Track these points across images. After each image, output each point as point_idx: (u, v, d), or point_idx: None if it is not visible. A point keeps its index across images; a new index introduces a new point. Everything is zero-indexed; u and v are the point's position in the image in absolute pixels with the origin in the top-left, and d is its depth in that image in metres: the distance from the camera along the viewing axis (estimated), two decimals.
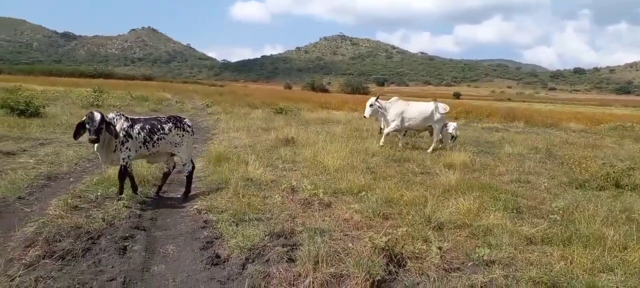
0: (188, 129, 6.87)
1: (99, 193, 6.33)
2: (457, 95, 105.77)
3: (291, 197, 6.63)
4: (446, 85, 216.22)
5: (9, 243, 4.63)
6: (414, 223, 5.57)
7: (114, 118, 6.06)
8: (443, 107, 12.69)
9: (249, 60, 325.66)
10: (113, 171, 6.89)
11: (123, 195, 6.15)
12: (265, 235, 4.95)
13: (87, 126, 5.62)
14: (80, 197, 6.23)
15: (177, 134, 6.65)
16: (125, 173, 6.16)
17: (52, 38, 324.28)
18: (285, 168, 9.00)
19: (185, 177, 7.01)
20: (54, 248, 4.46)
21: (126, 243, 4.76)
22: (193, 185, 7.64)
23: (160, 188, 6.94)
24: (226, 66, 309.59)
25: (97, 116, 5.64)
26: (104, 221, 5.26)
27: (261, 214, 5.80)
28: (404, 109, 12.53)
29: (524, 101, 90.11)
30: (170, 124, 6.61)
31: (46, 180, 7.29)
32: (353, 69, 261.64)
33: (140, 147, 6.21)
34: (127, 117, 6.21)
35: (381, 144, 12.24)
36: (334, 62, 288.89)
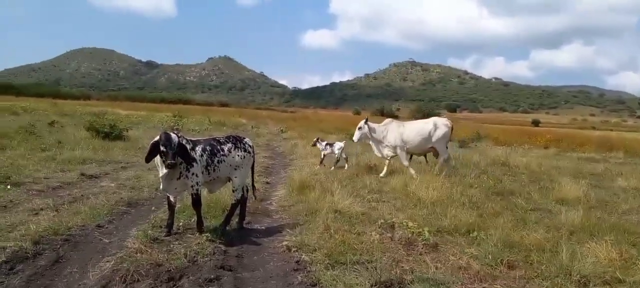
0: (249, 149, 6.08)
1: (180, 224, 5.81)
2: (536, 123, 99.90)
3: (390, 235, 5.76)
4: (523, 112, 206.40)
5: (85, 281, 4.14)
6: (550, 276, 4.53)
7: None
8: (443, 123, 11.12)
9: (318, 87, 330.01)
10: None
11: (204, 228, 5.58)
12: (370, 285, 4.12)
13: (162, 148, 4.91)
14: (160, 227, 5.74)
15: (238, 155, 5.86)
16: (198, 202, 5.50)
17: (137, 66, 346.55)
18: (373, 199, 8.15)
19: (231, 204, 6.05)
20: None
21: (211, 287, 4.10)
22: (278, 215, 7.03)
23: (241, 221, 6.25)
24: (296, 93, 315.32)
25: (175, 138, 4.99)
26: (186, 258, 4.67)
27: (359, 255, 4.97)
28: (401, 131, 11.04)
29: (611, 129, 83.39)
30: (230, 144, 5.86)
31: (126, 206, 6.92)
32: (423, 95, 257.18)
33: (202, 173, 5.48)
34: (187, 139, 5.51)
35: (413, 176, 9.95)
36: (403, 88, 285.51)
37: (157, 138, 5.03)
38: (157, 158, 5.05)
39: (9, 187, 7.30)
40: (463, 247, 5.47)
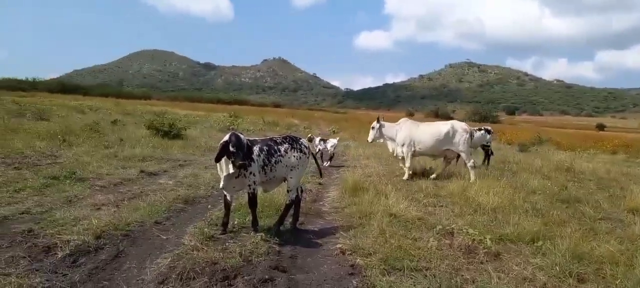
0: (305, 150, 6.00)
1: (235, 222, 5.83)
2: (600, 127, 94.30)
3: (449, 242, 5.53)
4: (586, 115, 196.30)
5: (143, 277, 4.19)
6: None
7: None
8: (462, 127, 10.74)
9: (370, 89, 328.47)
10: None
11: (259, 227, 5.57)
12: None
13: (232, 149, 4.94)
14: (216, 225, 5.77)
15: (294, 156, 5.80)
16: (254, 201, 5.51)
17: (195, 68, 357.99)
18: (430, 204, 7.90)
19: (286, 204, 6.02)
20: None
21: None
22: (330, 217, 6.92)
23: (295, 221, 6.19)
24: (349, 94, 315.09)
25: (243, 139, 5.05)
26: (241, 257, 4.64)
27: (416, 262, 4.78)
28: (412, 130, 10.84)
29: None
30: (287, 145, 5.81)
31: (183, 203, 7.03)
32: (480, 96, 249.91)
33: (259, 172, 5.47)
34: (247, 139, 5.44)
35: (405, 178, 10.52)
36: (459, 89, 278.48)
37: (226, 138, 5.06)
38: (224, 160, 5.07)
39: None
40: (527, 257, 5.16)
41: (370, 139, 11.38)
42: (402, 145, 10.85)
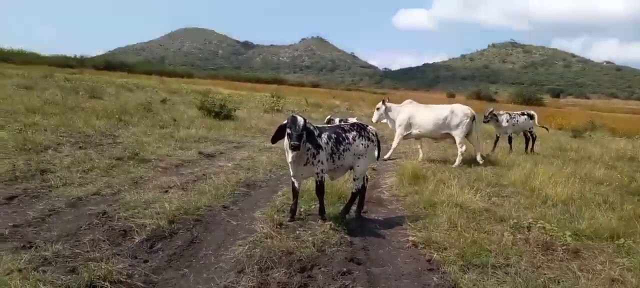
0: (373, 138, 5.88)
1: (302, 209, 5.80)
2: None
3: (524, 237, 5.32)
4: (637, 99, 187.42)
5: (220, 265, 4.21)
6: None
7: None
8: (463, 111, 10.67)
9: (410, 69, 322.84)
10: (311, 183, 6.27)
11: (326, 215, 5.52)
12: None
13: (288, 130, 4.88)
14: (282, 211, 5.77)
15: (362, 144, 5.67)
16: (322, 189, 5.44)
17: (235, 46, 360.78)
18: (493, 194, 7.65)
19: (352, 192, 5.92)
20: (268, 279, 3.90)
21: (346, 282, 3.99)
22: (392, 206, 6.81)
23: (359, 210, 6.09)
24: (387, 74, 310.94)
25: (300, 121, 4.93)
26: (314, 246, 4.61)
27: (493, 258, 4.62)
28: (412, 113, 10.89)
29: None
30: (355, 132, 5.68)
31: (246, 187, 7.07)
32: (524, 78, 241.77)
33: (327, 160, 5.39)
34: (314, 126, 5.38)
35: (386, 157, 10.84)
36: (502, 70, 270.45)
37: (285, 121, 5.00)
38: (286, 144, 5.00)
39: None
40: (611, 256, 4.90)
41: (374, 119, 11.44)
42: (399, 125, 11.01)
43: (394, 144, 11.20)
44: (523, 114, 13.25)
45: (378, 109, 11.36)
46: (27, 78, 24.14)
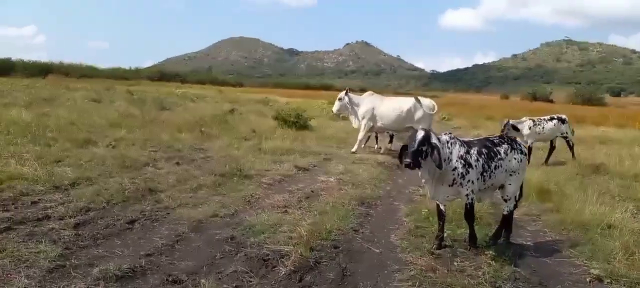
0: (525, 151, 5.19)
1: (446, 234, 5.17)
2: None
3: None
4: None
5: None
6: None
7: (448, 142, 4.71)
8: (427, 104, 10.82)
9: (458, 70, 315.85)
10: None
11: (478, 244, 4.87)
12: None
13: (408, 146, 4.40)
14: (421, 236, 5.18)
15: (514, 158, 4.97)
16: (472, 213, 4.79)
17: (279, 54, 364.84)
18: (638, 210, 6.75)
19: (503, 215, 5.19)
20: None
21: None
22: (532, 227, 6.08)
23: (508, 234, 5.34)
24: (435, 76, 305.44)
25: (419, 135, 4.37)
26: (487, 283, 3.99)
27: None
28: (375, 105, 10.92)
29: None
30: (506, 146, 4.99)
31: (361, 205, 6.50)
32: (580, 77, 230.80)
33: (477, 179, 4.74)
34: (462, 141, 4.81)
35: (353, 150, 10.95)
36: (556, 69, 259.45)
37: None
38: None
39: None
40: None
41: (335, 109, 11.59)
42: (363, 118, 10.98)
43: (360, 136, 11.15)
44: (552, 119, 11.64)
45: (340, 99, 11.37)
46: (90, 91, 24.75)
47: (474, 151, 4.74)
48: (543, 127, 11.26)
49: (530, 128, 11.19)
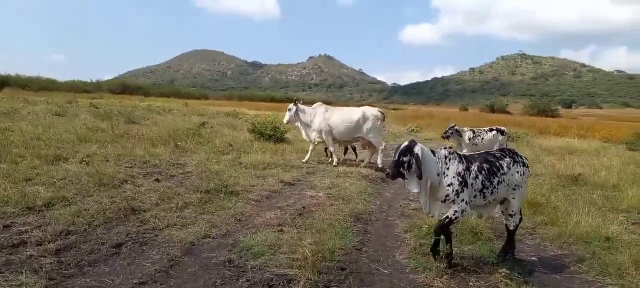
0: (527, 163, 5.06)
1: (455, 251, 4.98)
2: None
3: None
4: None
5: None
6: None
7: (445, 157, 4.56)
8: (373, 114, 10.87)
9: (418, 83, 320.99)
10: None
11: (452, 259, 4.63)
12: None
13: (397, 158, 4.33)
14: (424, 254, 4.98)
15: (517, 172, 4.84)
16: (447, 228, 4.51)
17: (243, 67, 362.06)
18: (626, 221, 6.80)
19: (508, 230, 5.03)
20: None
21: None
22: (531, 241, 6.01)
23: (513, 250, 5.20)
24: (396, 89, 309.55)
25: (402, 145, 4.31)
26: None
27: None
28: (326, 116, 10.94)
29: None
30: (508, 159, 4.85)
31: (356, 221, 6.28)
32: (534, 89, 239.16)
33: (476, 197, 4.58)
34: (461, 156, 4.65)
35: (334, 163, 10.97)
36: (512, 82, 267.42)
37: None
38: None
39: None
40: None
41: (285, 120, 11.50)
42: (319, 131, 10.95)
43: (331, 148, 11.20)
44: (491, 130, 12.02)
45: (289, 110, 11.33)
46: (52, 104, 23.64)
47: (474, 167, 4.59)
48: (482, 138, 11.62)
49: (469, 139, 11.55)
